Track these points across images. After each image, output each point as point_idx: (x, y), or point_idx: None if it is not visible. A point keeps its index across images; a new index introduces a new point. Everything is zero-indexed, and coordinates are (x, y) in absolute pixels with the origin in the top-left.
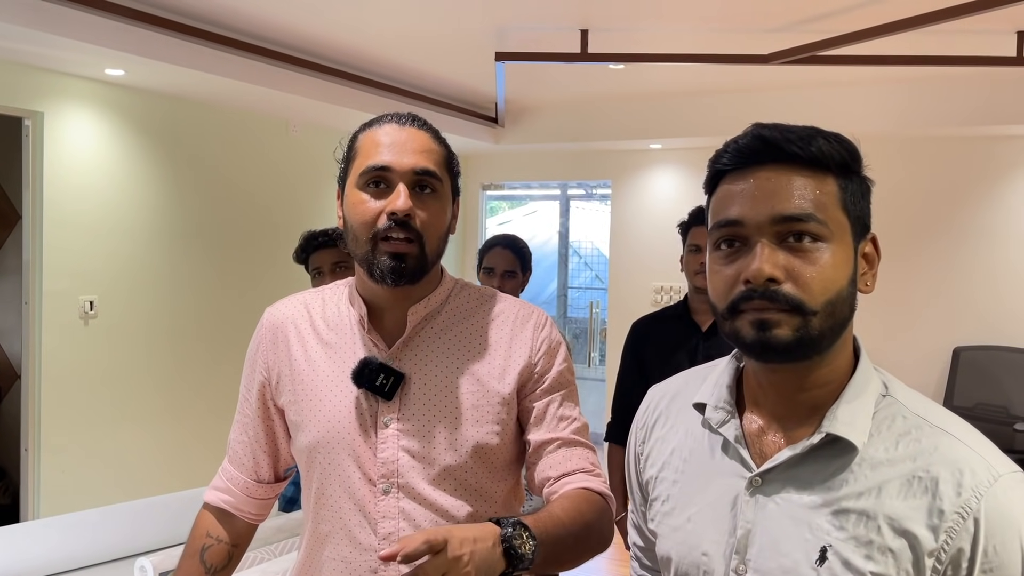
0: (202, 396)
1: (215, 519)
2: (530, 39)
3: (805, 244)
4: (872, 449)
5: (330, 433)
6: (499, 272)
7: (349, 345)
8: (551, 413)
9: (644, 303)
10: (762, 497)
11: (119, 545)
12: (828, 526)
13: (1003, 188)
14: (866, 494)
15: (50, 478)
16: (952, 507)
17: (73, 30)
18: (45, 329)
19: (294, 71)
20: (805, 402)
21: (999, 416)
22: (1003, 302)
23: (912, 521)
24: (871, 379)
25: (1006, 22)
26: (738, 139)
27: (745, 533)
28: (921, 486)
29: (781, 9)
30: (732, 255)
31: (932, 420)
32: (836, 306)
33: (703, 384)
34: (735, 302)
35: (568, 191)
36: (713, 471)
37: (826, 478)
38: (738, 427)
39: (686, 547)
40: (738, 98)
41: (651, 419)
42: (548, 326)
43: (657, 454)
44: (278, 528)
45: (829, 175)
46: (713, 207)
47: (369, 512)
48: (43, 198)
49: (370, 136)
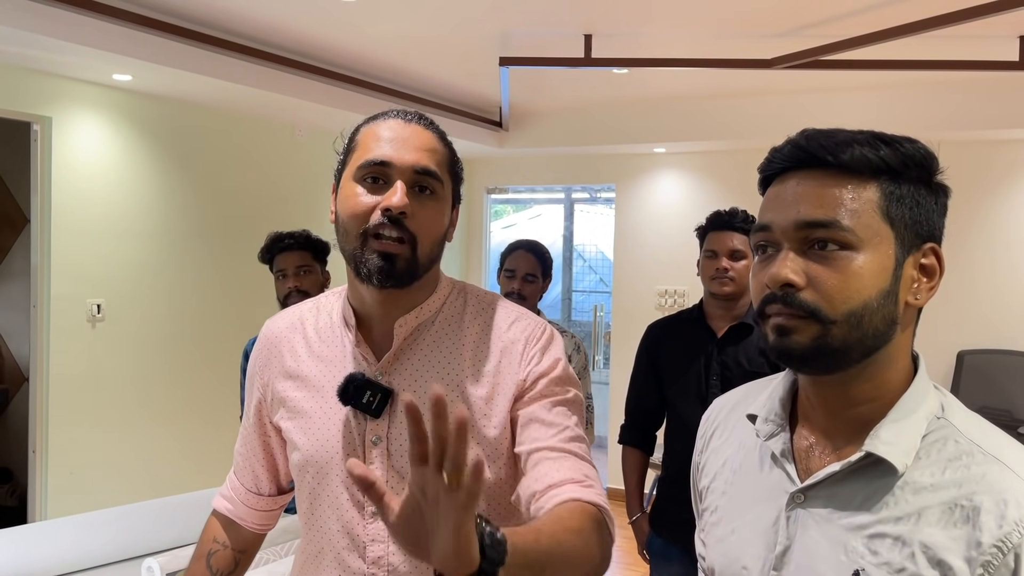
0: (208, 399)
1: (221, 526)
2: (534, 44)
3: (829, 251)
4: (917, 473)
5: (319, 453)
6: (520, 275)
7: (339, 359)
8: (539, 419)
9: (648, 307)
10: (803, 514)
11: (127, 546)
12: (863, 549)
13: (1007, 192)
14: (905, 519)
15: (57, 480)
16: (991, 539)
17: (81, 36)
18: (53, 332)
19: (299, 76)
20: (853, 418)
21: (1003, 420)
22: (1007, 306)
23: (948, 552)
24: (926, 399)
25: (1008, 27)
26: (781, 145)
27: (784, 549)
28: (963, 515)
29: (784, 14)
30: (766, 260)
31: (986, 447)
32: (863, 317)
33: (760, 396)
34: (761, 305)
35: (572, 195)
36: (760, 484)
37: (866, 499)
38: (786, 441)
39: (728, 559)
40: (741, 102)
41: (710, 430)
42: (544, 338)
43: (711, 465)
44: (284, 529)
45: (871, 181)
46: (758, 212)
47: (358, 535)
48: (51, 202)
49: (372, 130)
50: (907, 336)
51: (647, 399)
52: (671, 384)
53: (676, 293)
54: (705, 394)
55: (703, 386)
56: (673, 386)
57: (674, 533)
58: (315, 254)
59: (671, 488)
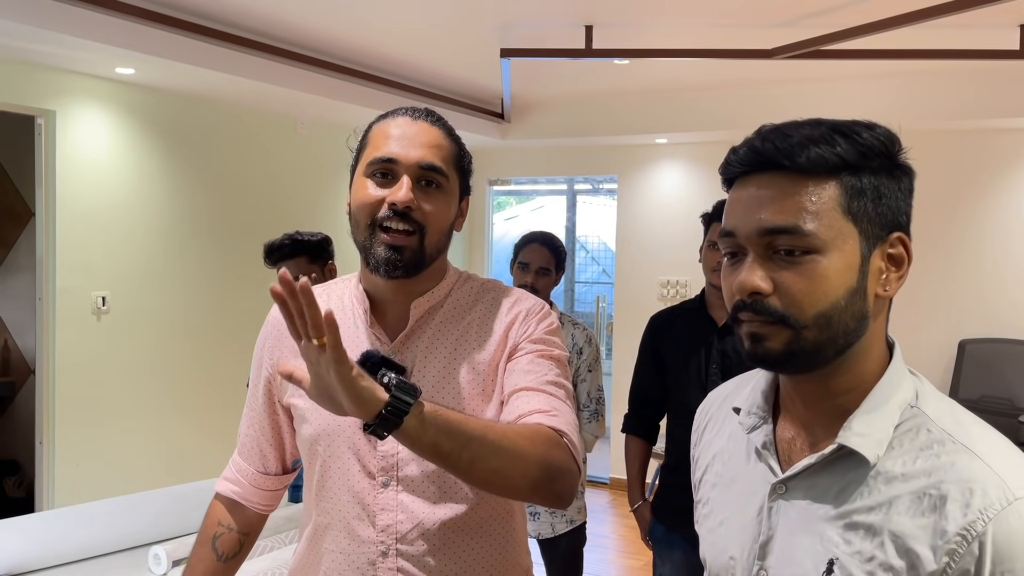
0: (213, 390)
1: (225, 509)
2: (535, 35)
3: (794, 257)
4: (890, 463)
5: (332, 425)
6: (534, 268)
7: (352, 339)
8: (521, 368)
9: (651, 297)
10: (784, 505)
11: (134, 534)
12: (838, 539)
13: (1008, 181)
14: (877, 509)
15: (64, 471)
16: (956, 528)
17: (84, 29)
18: (58, 325)
19: (301, 68)
20: (831, 410)
21: (1004, 408)
22: (1008, 295)
23: (916, 540)
24: (899, 388)
25: (1009, 15)
26: (739, 146)
27: (767, 540)
28: (930, 504)
29: (785, 4)
30: (735, 264)
31: (957, 436)
32: (832, 318)
33: (745, 389)
34: (733, 312)
35: (575, 186)
36: (746, 476)
37: (842, 490)
38: (768, 433)
39: (717, 550)
40: (742, 92)
41: (703, 422)
42: (542, 312)
43: (704, 457)
44: (287, 518)
45: (831, 179)
46: (723, 215)
47: (368, 504)
48: (55, 195)
49: (382, 128)
50: (880, 325)
51: (650, 389)
52: (673, 373)
53: (678, 284)
54: (705, 383)
55: (703, 375)
56: (675, 375)
57: (676, 520)
58: (311, 256)
59: (673, 476)
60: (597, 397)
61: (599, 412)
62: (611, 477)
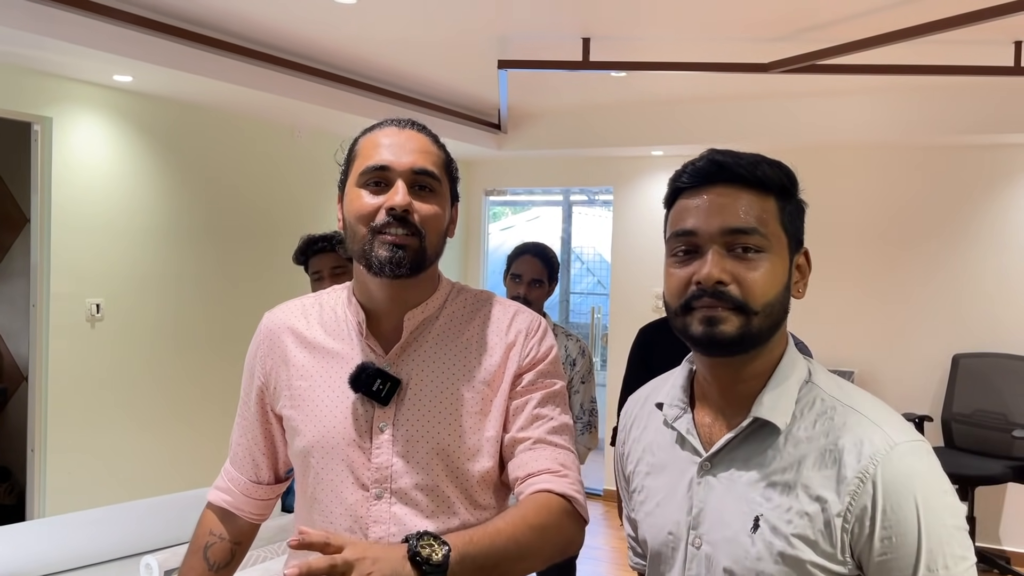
0: (207, 398)
1: (217, 518)
2: (533, 47)
3: (749, 255)
4: (796, 429)
5: (325, 437)
6: (526, 280)
7: (347, 350)
8: (527, 412)
9: (646, 308)
10: (711, 479)
11: (125, 543)
12: (760, 499)
13: (1002, 196)
14: (789, 468)
15: (56, 479)
16: (853, 473)
17: (81, 36)
18: (52, 332)
19: (299, 77)
20: (742, 393)
21: (998, 423)
22: (1002, 310)
23: (824, 488)
24: (795, 368)
25: (1004, 32)
26: (695, 161)
27: (699, 511)
28: (831, 457)
29: (781, 18)
30: (686, 261)
31: (845, 400)
32: (774, 307)
33: (664, 387)
34: (688, 301)
35: (571, 197)
36: (674, 460)
37: (759, 457)
38: (690, 421)
39: (656, 529)
40: (738, 106)
41: (628, 422)
42: (540, 331)
43: (634, 452)
44: (280, 528)
45: (771, 196)
46: (671, 219)
47: (361, 516)
48: (51, 202)
49: (370, 139)
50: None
51: None
52: None
53: None
54: None
55: None
56: None
57: None
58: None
59: None
60: (590, 409)
61: (592, 424)
62: (604, 489)
